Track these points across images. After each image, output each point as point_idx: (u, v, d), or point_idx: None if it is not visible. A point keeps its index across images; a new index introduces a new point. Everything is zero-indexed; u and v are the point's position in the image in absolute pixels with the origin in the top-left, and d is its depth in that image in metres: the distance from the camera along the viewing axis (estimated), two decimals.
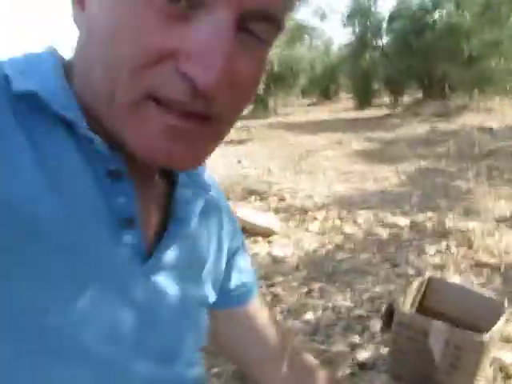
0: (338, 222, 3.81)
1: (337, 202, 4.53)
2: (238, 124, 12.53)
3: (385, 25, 13.68)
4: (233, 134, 10.66)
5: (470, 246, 3.02)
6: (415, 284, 1.84)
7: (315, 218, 3.94)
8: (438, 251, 3.02)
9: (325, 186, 5.36)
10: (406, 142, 8.13)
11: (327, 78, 18.79)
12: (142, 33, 0.33)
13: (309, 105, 20.03)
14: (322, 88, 19.95)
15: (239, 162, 7.19)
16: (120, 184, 0.40)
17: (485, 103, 10.48)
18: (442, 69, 11.14)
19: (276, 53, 12.09)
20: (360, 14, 13.39)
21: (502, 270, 2.65)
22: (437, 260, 2.89)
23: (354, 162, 6.93)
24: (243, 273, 0.63)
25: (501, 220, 3.54)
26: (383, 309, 1.78)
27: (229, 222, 0.61)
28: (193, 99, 0.34)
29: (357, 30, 13.80)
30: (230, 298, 0.62)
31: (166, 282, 0.47)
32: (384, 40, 13.88)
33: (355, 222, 3.80)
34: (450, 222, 3.54)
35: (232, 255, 0.61)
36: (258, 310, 0.65)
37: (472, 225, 3.41)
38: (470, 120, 9.44)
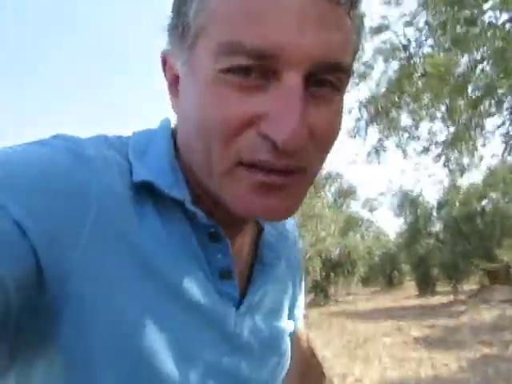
0: None
1: None
2: None
3: (435, 212, 14.32)
4: None
5: None
6: None
7: None
8: None
9: (377, 372, 5.16)
10: (470, 328, 7.70)
11: (388, 265, 18.86)
12: (224, 108, 0.38)
13: (373, 293, 19.65)
14: (385, 276, 19.83)
15: None
16: (218, 243, 0.47)
17: None
18: (501, 253, 11.08)
19: (331, 242, 12.77)
20: (409, 204, 14.26)
21: None
22: None
23: (413, 349, 6.59)
24: (300, 307, 0.71)
25: None
26: None
27: (301, 264, 0.70)
28: (276, 157, 0.38)
29: (408, 219, 14.51)
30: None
31: (256, 321, 0.53)
32: (437, 226, 14.31)
33: None
34: None
35: (298, 288, 0.69)
36: (301, 339, 0.73)
37: None
38: None
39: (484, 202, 12.14)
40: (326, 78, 0.40)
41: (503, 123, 2.90)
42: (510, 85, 2.17)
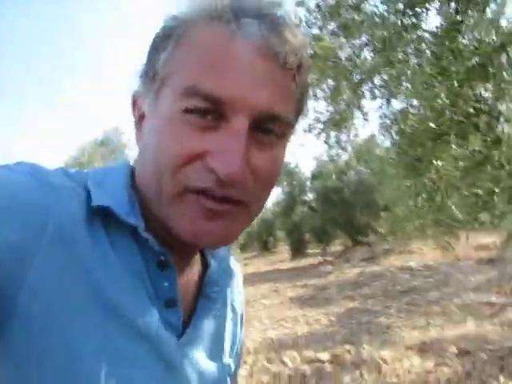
0: (266, 364, 3.96)
1: (268, 346, 4.67)
2: None
3: (309, 183, 15.46)
4: None
5: (380, 372, 3.29)
6: None
7: (245, 362, 4.06)
8: (353, 380, 3.25)
9: (258, 333, 5.50)
10: (336, 286, 8.57)
11: (264, 232, 19.87)
12: (178, 142, 0.44)
13: (250, 258, 20.59)
14: (261, 242, 20.88)
15: None
16: (166, 271, 0.49)
17: (407, 246, 11.47)
18: (362, 219, 12.47)
19: None
20: (286, 175, 15.13)
21: None
22: None
23: (289, 308, 7.12)
24: (240, 355, 0.71)
25: (410, 347, 3.88)
26: None
27: (242, 303, 0.71)
28: (219, 187, 0.44)
29: (285, 188, 15.43)
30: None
31: (196, 354, 0.54)
32: (310, 195, 15.50)
33: (283, 361, 3.97)
34: (365, 353, 3.83)
35: (240, 336, 0.69)
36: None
37: (384, 354, 3.72)
38: (394, 262, 10.22)
39: (351, 175, 13.45)
40: (269, 127, 0.46)
41: (380, 107, 3.27)
42: (389, 73, 2.44)
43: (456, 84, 1.96)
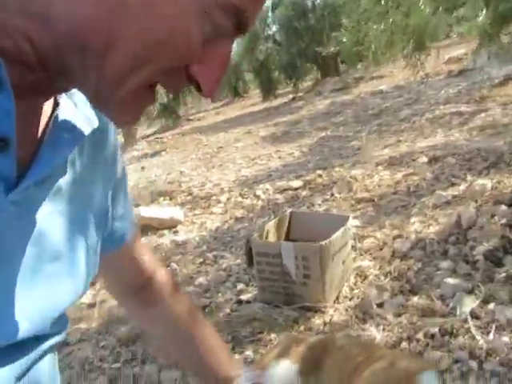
0: (239, 199, 3.98)
1: (242, 184, 4.70)
2: (151, 137, 12.37)
3: (270, 14, 14.22)
4: (145, 146, 10.57)
5: (351, 189, 3.31)
6: (275, 220, 2.02)
7: (219, 201, 4.08)
8: (325, 200, 3.28)
9: (233, 174, 5.53)
10: (308, 119, 8.54)
11: (232, 76, 19.14)
12: (191, 46, 0.37)
13: (221, 106, 20.25)
14: (231, 88, 20.29)
15: (143, 168, 7.24)
16: None
17: (378, 71, 11.18)
18: (329, 46, 11.81)
19: None
20: None
21: (375, 201, 2.95)
22: (323, 207, 3.13)
23: (262, 147, 7.16)
24: (125, 214, 0.62)
25: (380, 164, 3.89)
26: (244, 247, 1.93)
27: (118, 161, 0.58)
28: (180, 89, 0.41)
29: None
30: (111, 241, 0.59)
31: (33, 216, 0.42)
32: (274, 29, 14.43)
33: (255, 195, 3.99)
34: (336, 174, 3.84)
35: (116, 196, 0.58)
36: (134, 247, 0.67)
37: (355, 172, 3.72)
38: (365, 88, 10.11)
39: None
40: None
41: None
42: None
43: None
